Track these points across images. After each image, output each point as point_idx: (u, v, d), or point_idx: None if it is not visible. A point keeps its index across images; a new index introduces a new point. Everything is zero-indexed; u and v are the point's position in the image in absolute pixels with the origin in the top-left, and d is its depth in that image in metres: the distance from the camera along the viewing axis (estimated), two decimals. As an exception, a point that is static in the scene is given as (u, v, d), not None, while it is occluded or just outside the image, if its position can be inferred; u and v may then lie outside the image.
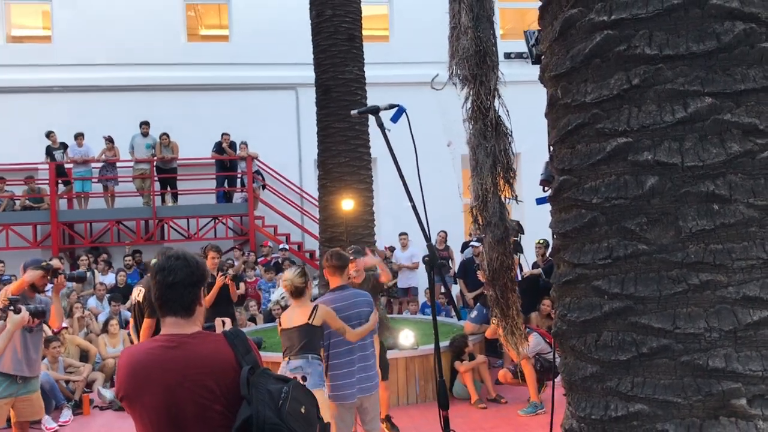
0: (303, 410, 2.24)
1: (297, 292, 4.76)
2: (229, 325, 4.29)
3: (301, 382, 4.12)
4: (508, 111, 2.30)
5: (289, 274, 4.81)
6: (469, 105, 2.32)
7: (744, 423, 1.92)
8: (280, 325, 4.86)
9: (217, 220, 14.57)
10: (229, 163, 14.62)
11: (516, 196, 2.30)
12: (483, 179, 2.27)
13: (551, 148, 2.45)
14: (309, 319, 4.63)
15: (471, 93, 2.31)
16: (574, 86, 2.25)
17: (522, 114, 4.01)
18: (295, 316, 4.75)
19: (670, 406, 1.98)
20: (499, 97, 2.33)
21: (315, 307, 4.67)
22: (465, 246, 12.56)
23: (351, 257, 6.39)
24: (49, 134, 13.98)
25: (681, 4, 2.02)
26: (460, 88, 2.41)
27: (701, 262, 1.98)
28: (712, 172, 1.99)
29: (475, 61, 2.31)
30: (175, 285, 2.31)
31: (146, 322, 5.79)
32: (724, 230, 1.98)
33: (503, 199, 2.30)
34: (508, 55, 14.98)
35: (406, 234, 13.73)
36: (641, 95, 2.08)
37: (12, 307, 4.68)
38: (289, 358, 4.65)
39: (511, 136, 2.26)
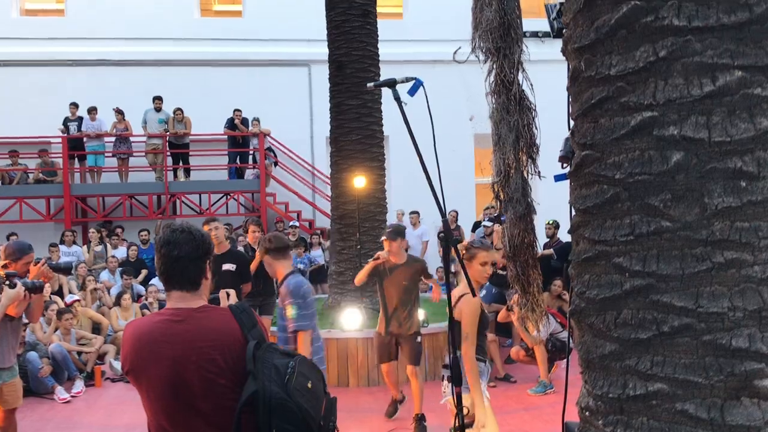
0: (309, 385, 2.22)
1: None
2: (233, 298, 4.26)
3: (445, 382, 3.97)
4: (532, 85, 2.25)
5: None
6: (492, 78, 2.27)
7: (766, 404, 1.89)
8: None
9: (228, 196, 14.59)
10: (241, 139, 14.61)
11: (539, 171, 2.26)
12: (505, 154, 2.22)
13: (572, 123, 2.40)
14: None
15: (494, 66, 2.26)
16: (598, 59, 2.19)
17: (537, 93, 3.95)
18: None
19: (690, 386, 1.95)
20: (523, 70, 2.28)
21: (458, 298, 4.07)
22: (476, 226, 12.52)
23: (383, 237, 6.39)
24: (72, 105, 13.99)
25: (713, -26, 1.95)
26: (483, 62, 2.36)
27: (727, 239, 1.93)
28: (740, 148, 1.94)
29: (499, 33, 2.26)
30: (181, 259, 2.30)
31: None
32: (751, 208, 1.93)
33: (525, 175, 2.27)
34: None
35: (417, 213, 13.69)
36: (668, 68, 2.02)
37: (7, 282, 4.56)
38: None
39: (534, 110, 2.21)
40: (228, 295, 4.22)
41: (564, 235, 9.29)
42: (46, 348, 8.10)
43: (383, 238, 6.40)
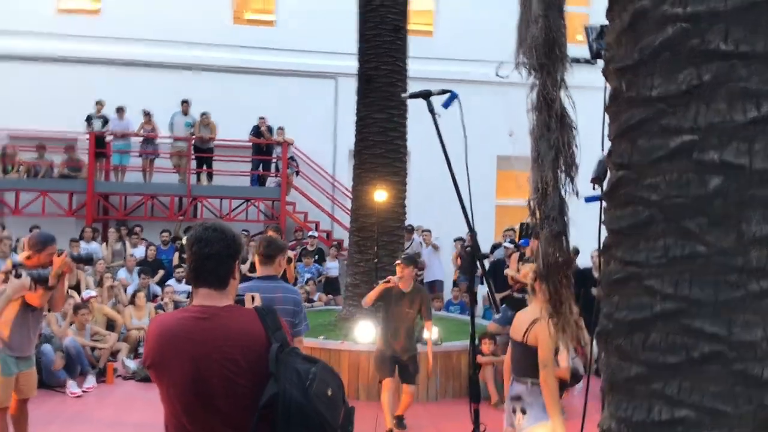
0: (329, 392, 2.22)
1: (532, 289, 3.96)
2: (258, 301, 4.25)
3: (520, 414, 3.85)
4: (574, 103, 2.23)
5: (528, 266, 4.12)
6: (534, 95, 2.26)
7: (795, 437, 1.85)
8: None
9: (249, 203, 14.66)
10: (265, 147, 14.71)
11: (577, 191, 2.24)
12: (544, 172, 2.21)
13: (610, 144, 2.39)
14: (523, 337, 3.93)
15: (537, 83, 2.25)
16: (639, 80, 2.18)
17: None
18: (519, 324, 4.04)
19: (718, 415, 1.91)
20: (566, 88, 2.27)
21: (533, 321, 3.95)
22: (495, 247, 12.46)
23: (398, 262, 6.47)
24: (98, 103, 14.17)
25: (763, 0, 1.94)
26: (526, 78, 2.35)
27: (763, 268, 1.90)
28: (781, 177, 1.91)
29: (543, 50, 2.25)
30: (211, 256, 2.31)
31: None
32: (789, 237, 1.90)
33: (563, 194, 2.25)
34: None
35: (429, 231, 13.70)
36: (711, 92, 2.01)
37: (14, 271, 4.58)
38: (514, 378, 4.01)
39: (576, 129, 2.19)
40: (253, 298, 4.21)
41: (581, 262, 9.22)
42: (61, 341, 8.16)
43: (398, 262, 6.47)
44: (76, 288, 10.40)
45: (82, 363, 8.15)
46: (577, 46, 2.77)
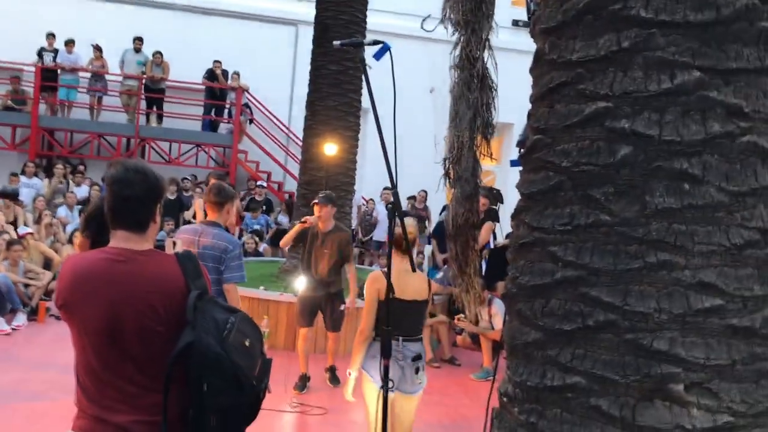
0: (247, 343, 2.17)
1: (407, 247, 3.59)
2: (180, 247, 4.14)
3: (422, 372, 3.84)
4: (496, 64, 2.18)
5: (410, 220, 3.84)
6: (457, 52, 2.20)
7: (678, 408, 1.88)
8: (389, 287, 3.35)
9: (199, 148, 14.36)
10: (218, 91, 14.35)
11: (491, 153, 2.20)
12: (461, 132, 2.17)
13: (531, 106, 2.35)
14: (429, 295, 3.91)
15: (461, 40, 2.19)
16: (562, 42, 2.14)
17: (508, 83, 3.85)
18: (411, 285, 3.83)
19: (606, 383, 1.93)
20: (490, 48, 2.21)
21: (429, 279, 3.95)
22: (444, 209, 12.51)
23: (316, 201, 6.30)
24: (48, 35, 13.60)
25: (685, -32, 1.90)
26: (451, 33, 2.29)
27: (662, 240, 1.90)
28: (688, 150, 1.91)
29: (469, 6, 2.19)
30: (132, 198, 2.21)
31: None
32: (690, 211, 1.90)
33: (478, 155, 2.22)
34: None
35: (388, 189, 13.60)
36: (629, 60, 1.98)
37: None
38: (403, 339, 3.79)
39: (495, 90, 2.15)
40: (174, 243, 4.11)
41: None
42: (-9, 277, 7.93)
43: (314, 201, 6.33)
44: (13, 224, 10.10)
45: (13, 300, 7.94)
46: (517, 9, 2.72)
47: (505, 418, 2.23)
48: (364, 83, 9.55)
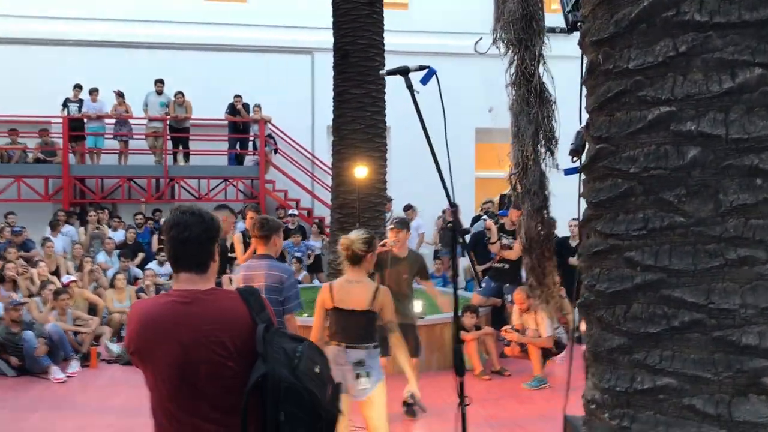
0: (317, 370, 2.22)
1: (355, 259, 4.07)
2: (236, 282, 4.23)
3: (365, 378, 3.95)
4: (553, 78, 2.24)
5: (354, 234, 4.13)
6: (512, 70, 2.26)
7: (774, 402, 1.89)
8: (330, 297, 4.07)
9: (227, 182, 14.53)
10: (241, 125, 14.55)
11: (557, 165, 2.26)
12: (524, 147, 2.23)
13: (586, 116, 2.40)
14: (371, 305, 4.04)
15: (515, 58, 2.26)
16: (616, 52, 2.18)
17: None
18: (354, 295, 4.08)
19: (698, 381, 1.95)
20: (544, 63, 2.27)
21: (377, 290, 4.10)
22: (476, 220, 12.51)
23: (391, 227, 6.41)
24: (75, 87, 13.93)
25: (737, -30, 1.94)
26: (504, 53, 2.35)
27: (740, 236, 1.93)
28: (757, 146, 1.94)
29: (521, 25, 2.25)
30: (190, 241, 2.27)
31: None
32: (765, 205, 1.93)
33: (543, 168, 2.28)
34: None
35: (412, 208, 13.67)
36: (687, 63, 2.02)
37: None
38: (346, 346, 4.01)
39: (554, 103, 2.21)
40: (231, 279, 4.21)
41: (560, 232, 9.29)
42: (43, 327, 8.09)
43: (390, 227, 6.41)
44: (56, 273, 10.29)
45: (65, 348, 8.09)
46: (553, 15, 2.77)
47: (594, 425, 2.25)
48: (387, 103, 9.72)
